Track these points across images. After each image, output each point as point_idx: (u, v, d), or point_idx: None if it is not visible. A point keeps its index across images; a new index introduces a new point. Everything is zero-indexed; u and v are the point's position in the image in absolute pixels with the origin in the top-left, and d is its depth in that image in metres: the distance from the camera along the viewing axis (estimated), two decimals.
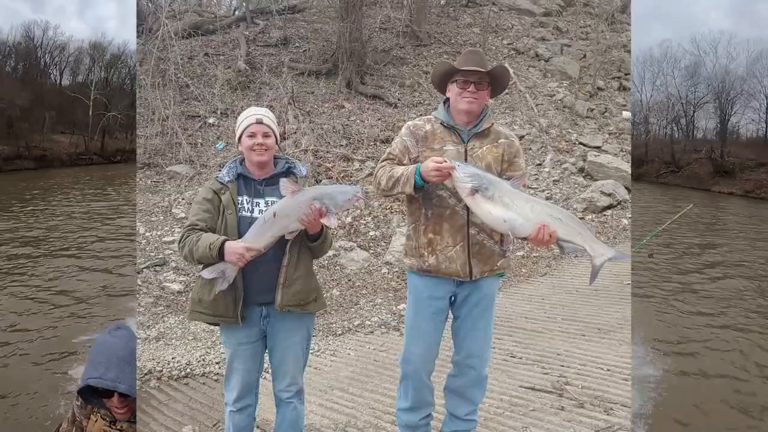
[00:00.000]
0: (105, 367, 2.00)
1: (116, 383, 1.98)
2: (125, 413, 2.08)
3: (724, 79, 32.15)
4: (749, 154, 28.32)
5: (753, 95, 32.09)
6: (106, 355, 2.04)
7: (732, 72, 32.47)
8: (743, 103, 32.62)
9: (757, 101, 32.19)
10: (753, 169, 26.58)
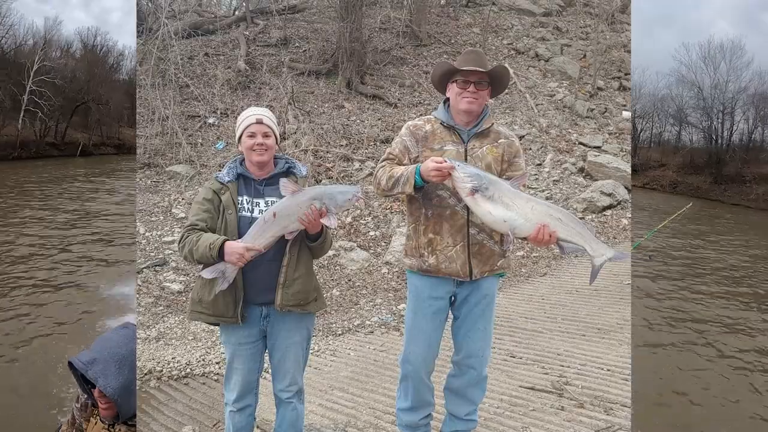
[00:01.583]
0: (93, 357, 2.01)
1: (97, 377, 1.98)
2: (106, 410, 2.06)
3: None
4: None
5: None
6: (100, 347, 2.05)
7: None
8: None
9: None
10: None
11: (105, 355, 2.01)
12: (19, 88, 28.77)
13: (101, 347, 2.05)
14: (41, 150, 28.96)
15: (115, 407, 2.03)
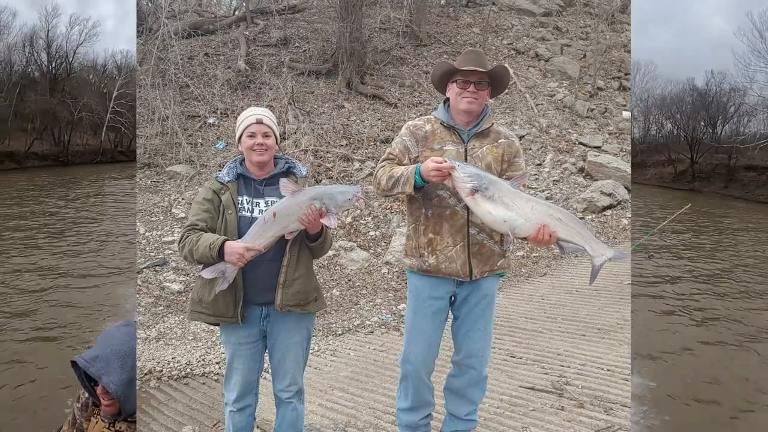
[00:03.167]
0: (96, 354, 2.01)
1: (100, 373, 1.98)
2: (108, 407, 2.07)
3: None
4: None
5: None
6: (103, 344, 2.05)
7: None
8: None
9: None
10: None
11: (107, 352, 2.02)
12: (103, 108, 34.73)
13: (104, 344, 2.05)
14: (114, 156, 36.15)
15: (118, 404, 2.03)
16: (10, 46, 32.99)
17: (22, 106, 29.72)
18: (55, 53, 35.82)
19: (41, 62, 35.22)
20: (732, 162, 23.28)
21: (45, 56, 35.30)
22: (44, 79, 34.16)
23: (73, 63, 36.97)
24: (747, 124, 28.07)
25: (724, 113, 28.18)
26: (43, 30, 34.61)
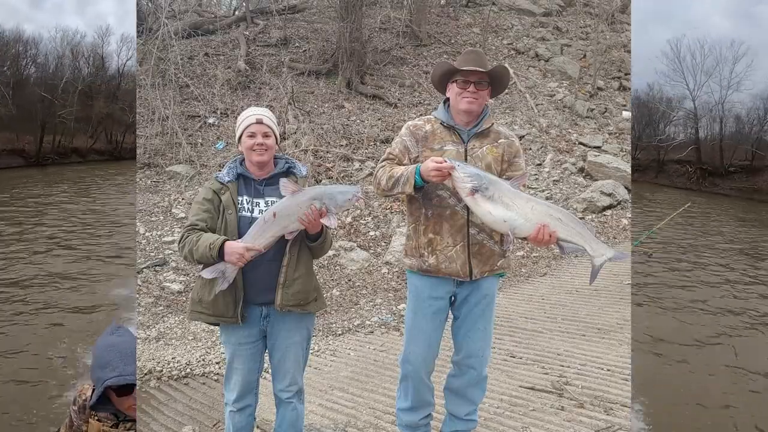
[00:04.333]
0: (122, 365, 1.99)
1: (134, 378, 2.00)
2: (134, 404, 2.08)
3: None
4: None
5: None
6: (117, 353, 2.03)
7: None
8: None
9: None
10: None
11: (126, 358, 2.02)
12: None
13: (118, 353, 2.02)
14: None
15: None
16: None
17: (86, 111, 32.72)
18: (108, 66, 38.44)
19: (103, 73, 37.99)
20: (661, 156, 29.72)
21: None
22: (107, 88, 36.85)
23: (124, 75, 39.36)
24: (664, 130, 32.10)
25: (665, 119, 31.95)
26: (100, 47, 37.54)
